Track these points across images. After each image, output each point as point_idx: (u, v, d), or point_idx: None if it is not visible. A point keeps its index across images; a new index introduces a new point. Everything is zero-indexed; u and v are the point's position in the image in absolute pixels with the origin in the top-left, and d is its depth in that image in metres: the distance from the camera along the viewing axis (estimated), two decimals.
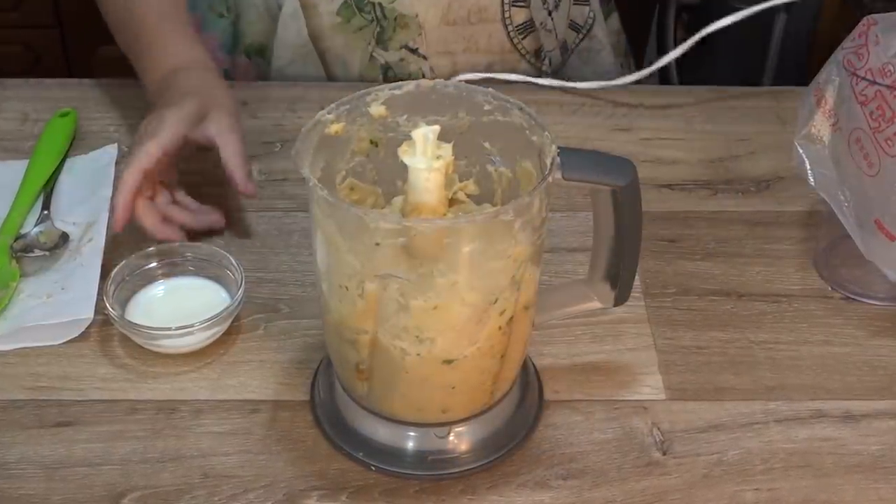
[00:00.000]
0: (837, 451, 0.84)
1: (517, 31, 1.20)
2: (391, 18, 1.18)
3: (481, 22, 1.19)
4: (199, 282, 0.93)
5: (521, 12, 1.21)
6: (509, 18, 1.20)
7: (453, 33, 1.19)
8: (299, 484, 0.80)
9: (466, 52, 1.20)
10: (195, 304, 0.90)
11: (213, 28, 1.24)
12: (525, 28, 1.21)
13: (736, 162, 1.11)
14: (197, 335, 0.88)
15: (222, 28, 1.24)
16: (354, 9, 1.17)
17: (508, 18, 1.20)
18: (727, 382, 0.88)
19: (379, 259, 0.72)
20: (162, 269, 0.93)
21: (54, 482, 0.80)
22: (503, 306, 0.75)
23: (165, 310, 0.90)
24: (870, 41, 0.88)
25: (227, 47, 1.25)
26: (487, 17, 1.20)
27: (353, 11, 1.17)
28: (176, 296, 0.92)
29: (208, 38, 1.24)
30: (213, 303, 0.90)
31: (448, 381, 0.78)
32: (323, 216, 0.73)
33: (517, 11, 1.20)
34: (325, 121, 0.76)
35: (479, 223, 0.72)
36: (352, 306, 0.75)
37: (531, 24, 1.21)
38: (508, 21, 1.20)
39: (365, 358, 0.78)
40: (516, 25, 1.20)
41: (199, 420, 0.84)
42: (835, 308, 0.95)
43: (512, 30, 1.20)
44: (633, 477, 0.81)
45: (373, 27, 1.18)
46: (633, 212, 0.78)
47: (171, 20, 1.06)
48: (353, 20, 1.18)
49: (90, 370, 0.88)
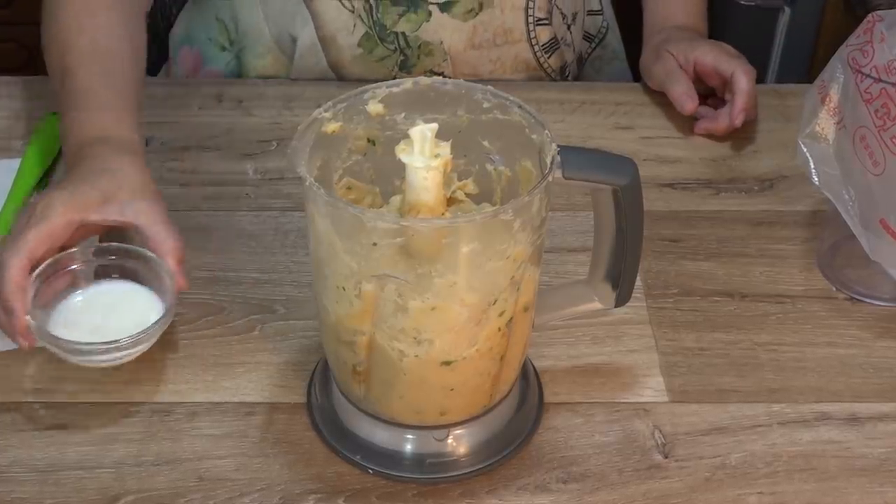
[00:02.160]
0: (842, 455, 0.83)
1: (543, 50, 1.19)
2: (415, 47, 1.16)
3: (507, 44, 1.18)
4: (129, 288, 0.86)
5: (545, 30, 1.20)
6: (535, 38, 1.19)
7: (480, 57, 1.18)
8: (296, 487, 0.80)
9: (493, 73, 1.19)
10: (125, 313, 0.84)
11: (216, 63, 1.22)
12: (550, 46, 1.20)
13: (739, 160, 1.11)
14: (125, 351, 0.83)
15: (225, 62, 1.22)
16: (377, 39, 1.15)
17: (534, 38, 1.18)
18: (730, 384, 0.88)
19: (376, 259, 0.71)
20: (90, 271, 0.86)
21: (47, 486, 0.80)
22: (502, 307, 0.74)
23: (92, 319, 0.84)
24: (875, 38, 0.87)
25: None
26: (513, 39, 1.18)
27: (375, 42, 1.16)
28: (103, 302, 0.85)
29: (210, 72, 1.23)
30: (144, 312, 0.84)
31: (447, 382, 0.77)
32: (319, 216, 0.73)
33: (541, 30, 1.19)
34: (322, 119, 0.76)
35: (478, 223, 0.72)
36: (349, 307, 0.74)
37: (556, 42, 1.21)
38: (534, 40, 1.19)
39: (362, 359, 0.77)
40: (542, 44, 1.19)
41: (194, 423, 0.84)
42: (839, 309, 0.95)
43: (538, 49, 1.19)
44: (635, 480, 0.81)
45: (396, 56, 1.17)
46: (634, 211, 0.77)
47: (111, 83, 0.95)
48: (375, 51, 1.16)
49: (83, 372, 0.87)
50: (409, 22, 1.15)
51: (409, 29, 1.15)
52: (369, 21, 1.14)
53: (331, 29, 1.15)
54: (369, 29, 1.14)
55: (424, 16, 1.15)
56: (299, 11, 1.15)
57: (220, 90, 1.16)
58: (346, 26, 1.15)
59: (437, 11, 1.15)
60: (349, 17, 1.14)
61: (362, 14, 1.14)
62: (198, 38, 1.23)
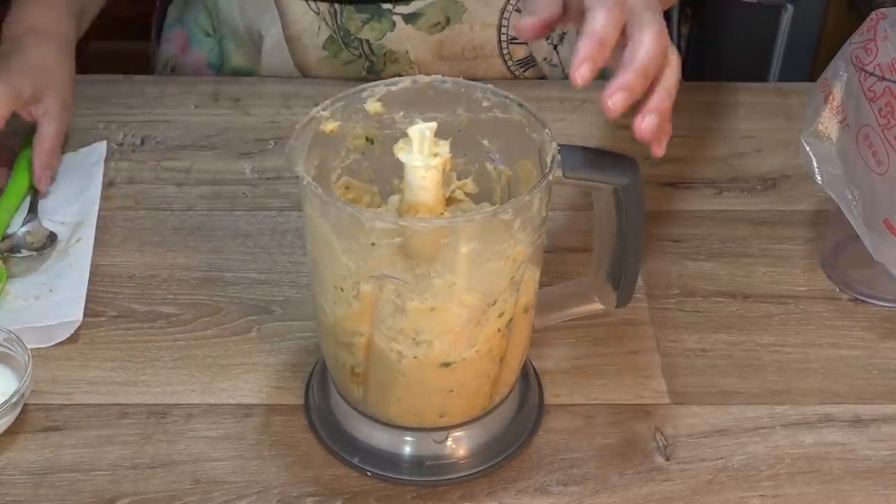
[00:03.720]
0: (846, 457, 0.83)
1: (518, 66, 1.17)
2: (380, 55, 1.14)
3: (478, 58, 1.16)
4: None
5: (521, 48, 1.17)
6: (508, 55, 1.16)
7: (450, 67, 1.15)
8: (293, 490, 0.79)
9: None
10: None
11: (201, 47, 1.22)
12: (526, 63, 1.18)
13: (741, 160, 1.10)
14: None
15: (209, 47, 1.22)
16: (341, 44, 1.14)
17: (507, 55, 1.16)
18: (732, 386, 0.87)
19: (375, 259, 0.71)
20: None
21: (42, 488, 0.79)
22: (502, 308, 0.74)
23: None
24: (878, 36, 0.87)
25: (215, 66, 1.23)
26: (484, 54, 1.16)
27: (339, 46, 1.14)
28: None
29: (196, 55, 1.23)
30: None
31: (446, 384, 0.76)
32: (317, 215, 0.72)
33: (516, 48, 1.17)
34: (320, 117, 0.75)
35: (477, 222, 0.71)
36: (347, 308, 0.74)
37: (532, 60, 1.19)
38: (508, 57, 1.17)
39: (360, 361, 0.76)
40: (516, 60, 1.17)
41: (190, 424, 0.83)
42: (843, 310, 0.94)
43: (512, 64, 1.17)
44: (636, 483, 0.80)
45: (362, 61, 1.15)
46: (635, 211, 0.77)
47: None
48: (340, 54, 1.15)
49: (78, 373, 0.87)
50: (373, 30, 1.13)
51: (373, 37, 1.14)
52: (333, 25, 1.13)
53: (297, 29, 1.14)
54: (333, 33, 1.13)
55: (388, 25, 1.13)
56: (269, 9, 1.14)
57: (216, 89, 1.15)
58: (312, 27, 1.14)
59: (402, 22, 1.13)
60: (314, 18, 1.13)
61: (326, 17, 1.13)
62: (188, 20, 1.24)
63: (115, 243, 0.97)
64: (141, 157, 1.07)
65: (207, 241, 0.98)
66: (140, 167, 1.06)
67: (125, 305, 0.92)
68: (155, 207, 1.01)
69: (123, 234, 0.98)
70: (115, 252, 0.96)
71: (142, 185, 1.04)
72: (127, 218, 1.00)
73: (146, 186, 1.04)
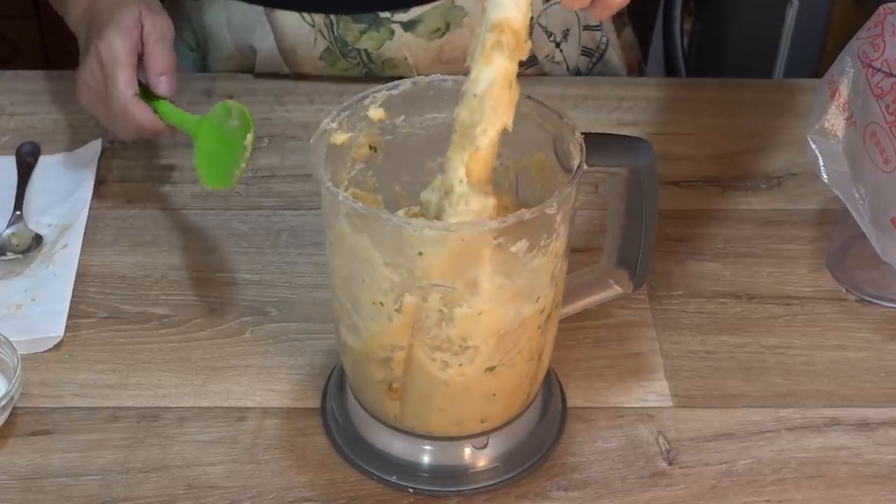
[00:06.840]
0: (852, 461, 0.82)
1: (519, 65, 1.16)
2: (379, 62, 1.14)
3: None
4: None
5: None
6: None
7: (450, 70, 1.14)
8: (288, 495, 0.79)
9: None
10: None
11: (184, 60, 1.21)
12: (528, 62, 1.17)
13: (746, 158, 1.09)
14: None
15: (192, 61, 1.22)
16: (338, 55, 1.13)
17: None
18: (737, 389, 0.87)
19: (422, 269, 0.69)
20: None
21: (31, 493, 0.78)
22: (543, 304, 0.74)
23: None
24: (886, 31, 0.87)
25: None
26: None
27: (337, 57, 1.13)
28: None
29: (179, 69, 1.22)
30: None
31: (489, 388, 0.76)
32: (353, 230, 0.71)
33: None
34: (330, 129, 0.75)
35: (527, 220, 0.70)
36: (387, 323, 0.72)
37: (534, 59, 1.18)
38: None
39: (399, 376, 0.75)
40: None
41: (182, 428, 0.83)
42: (849, 311, 0.94)
43: None
44: (638, 488, 0.80)
45: (360, 69, 1.15)
46: (652, 190, 0.77)
47: None
48: (337, 64, 1.14)
49: (68, 376, 0.86)
50: (372, 40, 1.12)
51: (372, 46, 1.13)
52: (330, 37, 1.12)
53: (291, 42, 1.13)
54: (330, 44, 1.13)
55: (387, 34, 1.12)
56: (260, 23, 1.14)
57: (210, 86, 1.15)
58: (308, 40, 1.13)
59: (401, 30, 1.12)
60: (310, 30, 1.12)
61: (323, 29, 1.12)
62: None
63: (105, 243, 0.96)
64: (133, 154, 1.06)
65: (200, 240, 0.98)
66: (132, 165, 1.05)
67: (116, 306, 0.92)
68: (147, 206, 1.01)
69: (114, 234, 0.98)
70: (106, 252, 0.95)
71: (133, 183, 1.03)
72: (118, 217, 0.99)
73: (138, 185, 1.03)
